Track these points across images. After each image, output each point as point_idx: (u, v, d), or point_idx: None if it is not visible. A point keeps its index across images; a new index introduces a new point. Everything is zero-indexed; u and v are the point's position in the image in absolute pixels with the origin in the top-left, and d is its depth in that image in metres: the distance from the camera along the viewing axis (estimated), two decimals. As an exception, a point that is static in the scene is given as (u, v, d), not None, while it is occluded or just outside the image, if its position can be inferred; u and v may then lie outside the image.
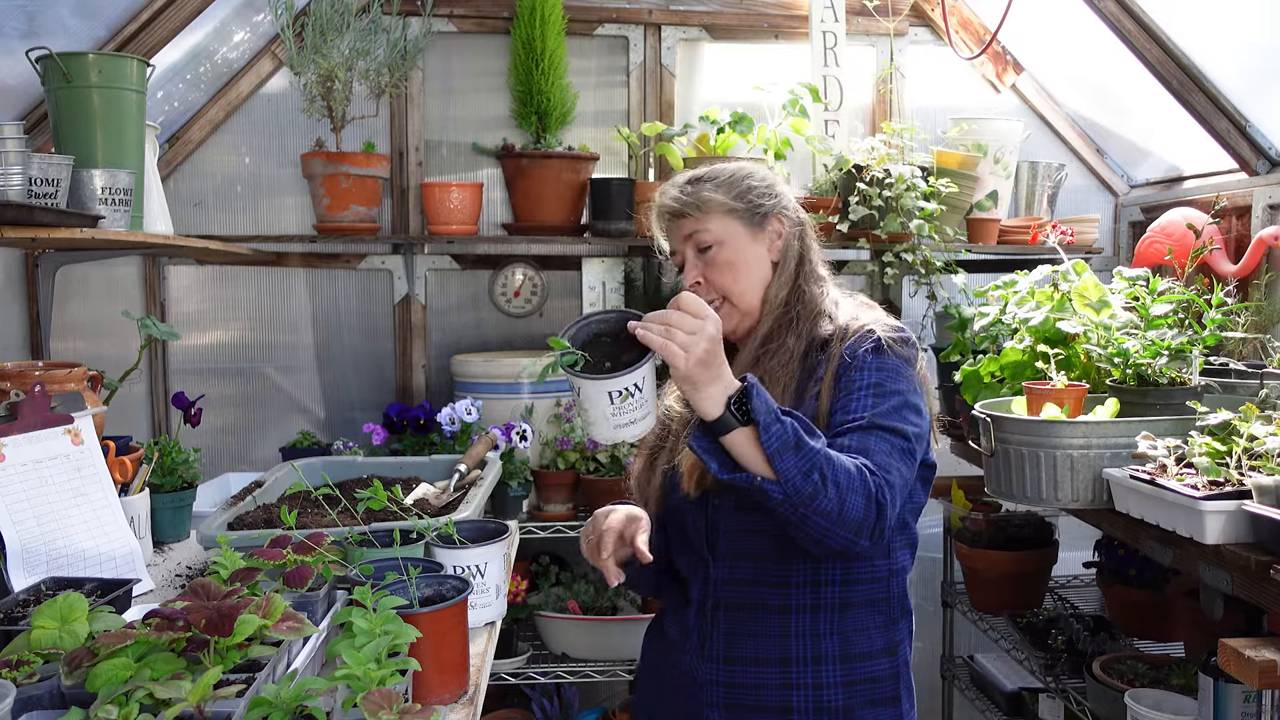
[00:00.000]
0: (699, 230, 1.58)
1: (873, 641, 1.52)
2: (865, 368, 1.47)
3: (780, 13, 3.16)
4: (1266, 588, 1.51)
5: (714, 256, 1.58)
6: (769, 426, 1.29)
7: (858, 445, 1.39)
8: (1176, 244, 2.62)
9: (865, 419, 1.41)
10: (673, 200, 1.61)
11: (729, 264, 1.58)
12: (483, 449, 2.19)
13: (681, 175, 1.65)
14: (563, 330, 1.42)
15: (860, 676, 1.50)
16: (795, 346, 1.54)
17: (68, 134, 1.96)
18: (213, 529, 1.67)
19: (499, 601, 1.62)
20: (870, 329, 1.51)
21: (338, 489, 1.73)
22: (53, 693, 1.07)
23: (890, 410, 1.43)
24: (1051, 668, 2.49)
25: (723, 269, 1.57)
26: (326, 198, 2.82)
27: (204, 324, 3.03)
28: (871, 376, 1.46)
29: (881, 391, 1.45)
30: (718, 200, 1.58)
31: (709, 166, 1.66)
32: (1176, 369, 1.99)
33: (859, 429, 1.41)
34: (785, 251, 1.61)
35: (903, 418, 1.44)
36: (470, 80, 3.11)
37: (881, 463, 1.37)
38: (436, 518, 1.67)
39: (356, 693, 1.08)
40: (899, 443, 1.41)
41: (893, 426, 1.42)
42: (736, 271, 1.58)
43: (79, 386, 1.86)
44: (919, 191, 2.75)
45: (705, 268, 1.58)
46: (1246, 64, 2.53)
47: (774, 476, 1.30)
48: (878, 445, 1.39)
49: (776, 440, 1.29)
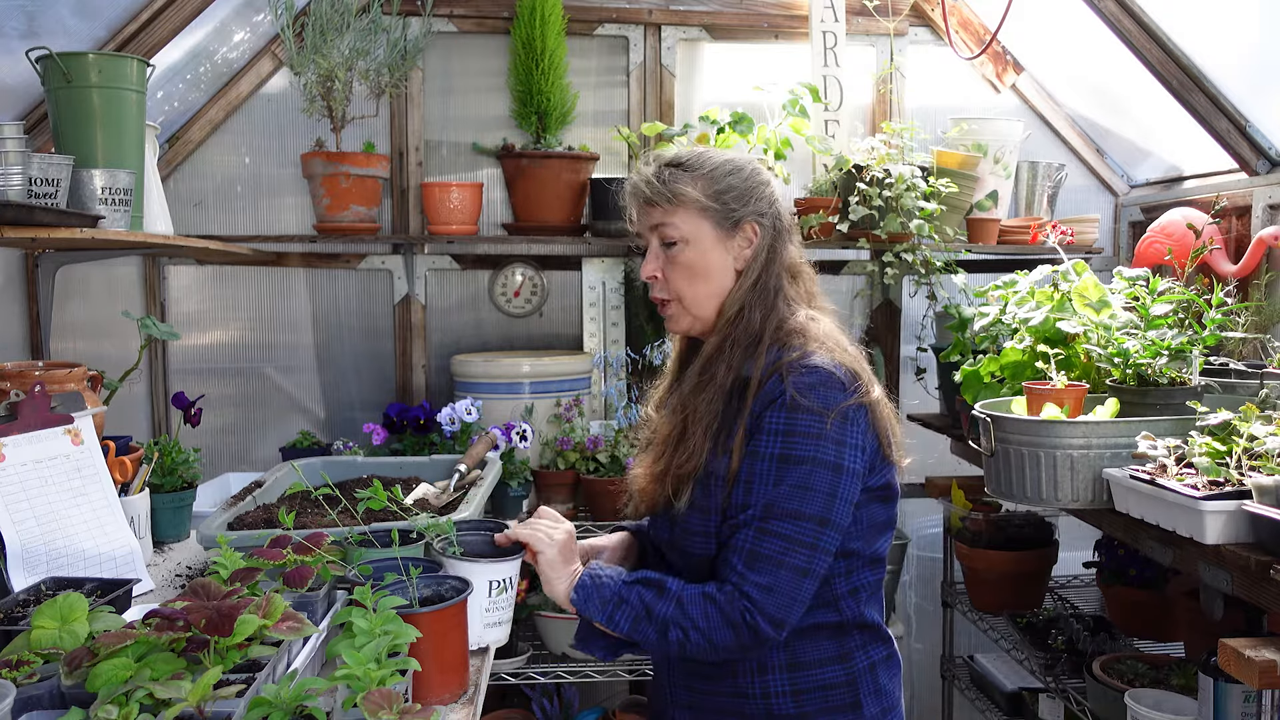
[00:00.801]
0: (666, 224, 1.52)
1: (821, 650, 1.49)
2: (771, 433, 1.41)
3: (780, 13, 3.16)
4: (1266, 588, 1.51)
5: (676, 254, 1.52)
6: (611, 617, 1.42)
7: (749, 551, 1.39)
8: (1176, 244, 2.62)
9: (760, 510, 1.39)
10: (644, 185, 1.53)
11: (689, 266, 1.51)
12: (483, 449, 2.19)
13: (665, 153, 1.57)
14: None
15: (809, 685, 1.48)
16: (723, 379, 1.48)
17: (68, 134, 1.96)
18: (213, 529, 1.67)
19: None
20: (780, 379, 1.42)
21: (337, 489, 1.73)
22: (53, 693, 1.07)
23: (792, 490, 1.38)
24: (1051, 668, 2.49)
25: (682, 270, 1.52)
26: (326, 198, 2.82)
27: (204, 324, 3.03)
28: (776, 447, 1.40)
29: (787, 462, 1.39)
30: (691, 196, 1.50)
31: (696, 151, 1.56)
32: (1176, 369, 1.99)
33: (754, 529, 1.39)
34: (751, 262, 1.52)
35: (805, 494, 1.38)
36: (470, 80, 3.11)
37: (763, 580, 1.37)
38: (438, 518, 1.67)
39: (356, 693, 1.08)
40: (798, 531, 1.38)
41: (792, 511, 1.38)
42: (694, 276, 1.51)
43: (79, 386, 1.86)
44: (919, 191, 2.75)
45: (666, 263, 1.53)
46: (1246, 64, 2.53)
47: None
48: (768, 548, 1.38)
49: (625, 623, 1.42)
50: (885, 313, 3.26)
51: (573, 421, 2.75)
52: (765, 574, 1.38)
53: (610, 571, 1.47)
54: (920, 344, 3.00)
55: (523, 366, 2.79)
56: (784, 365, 1.43)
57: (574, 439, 2.72)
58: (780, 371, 1.43)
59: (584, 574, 1.46)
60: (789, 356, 1.44)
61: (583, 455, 2.72)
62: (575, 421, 2.75)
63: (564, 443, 2.71)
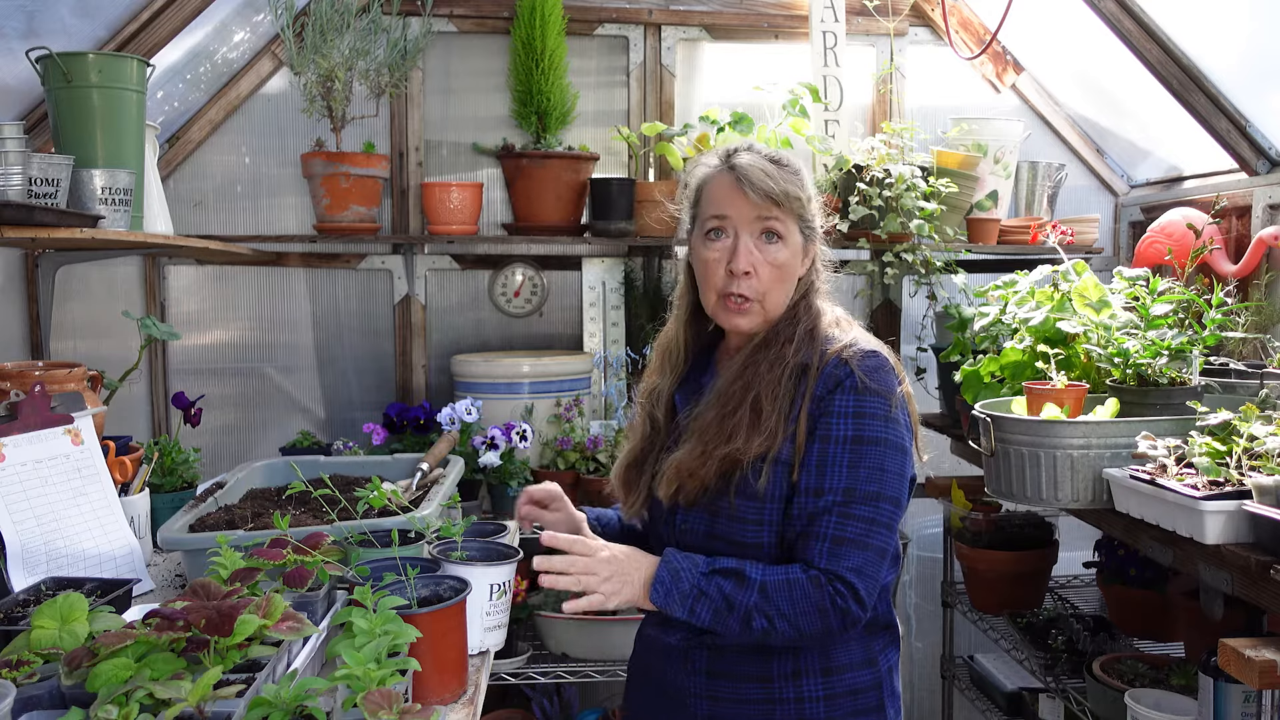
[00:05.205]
0: (774, 220, 1.49)
1: (852, 654, 1.50)
2: (841, 415, 1.42)
3: (780, 13, 3.16)
4: (1266, 588, 1.51)
5: (775, 254, 1.49)
6: (692, 610, 1.39)
7: (833, 536, 1.39)
8: (1176, 244, 2.62)
9: (841, 495, 1.40)
10: (766, 177, 1.47)
11: (782, 267, 1.50)
12: (445, 448, 2.19)
13: (748, 144, 1.54)
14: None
15: (842, 689, 1.48)
16: (793, 360, 1.47)
17: (68, 134, 1.96)
18: (173, 531, 1.65)
19: None
20: (844, 362, 1.44)
21: (310, 486, 1.73)
22: (53, 693, 1.07)
23: (870, 472, 1.40)
24: (1051, 668, 2.49)
25: (775, 270, 1.50)
26: (326, 198, 2.82)
27: (204, 324, 3.03)
28: (848, 429, 1.42)
29: (860, 443, 1.41)
30: (798, 200, 1.50)
31: (775, 151, 1.53)
32: (1176, 369, 1.99)
33: (836, 514, 1.40)
34: (809, 270, 1.57)
35: (882, 476, 1.41)
36: (470, 80, 3.11)
37: (853, 563, 1.38)
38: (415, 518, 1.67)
39: (356, 693, 1.08)
40: (878, 514, 1.40)
41: (872, 494, 1.40)
42: (783, 278, 1.51)
43: (79, 386, 1.86)
44: (919, 191, 2.75)
45: (760, 259, 1.49)
46: (1246, 64, 2.53)
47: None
48: (852, 532, 1.39)
49: (706, 615, 1.39)
50: (885, 312, 3.26)
51: (573, 421, 2.75)
52: (854, 557, 1.38)
53: (683, 561, 1.43)
54: (920, 344, 3.00)
55: (523, 366, 2.79)
56: (845, 350, 1.45)
57: (574, 439, 2.72)
58: (840, 356, 1.45)
59: (660, 568, 1.42)
60: (841, 341, 1.48)
61: (583, 455, 2.72)
62: (575, 421, 2.76)
63: (564, 443, 2.71)
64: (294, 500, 1.86)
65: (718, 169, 1.53)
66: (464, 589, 1.38)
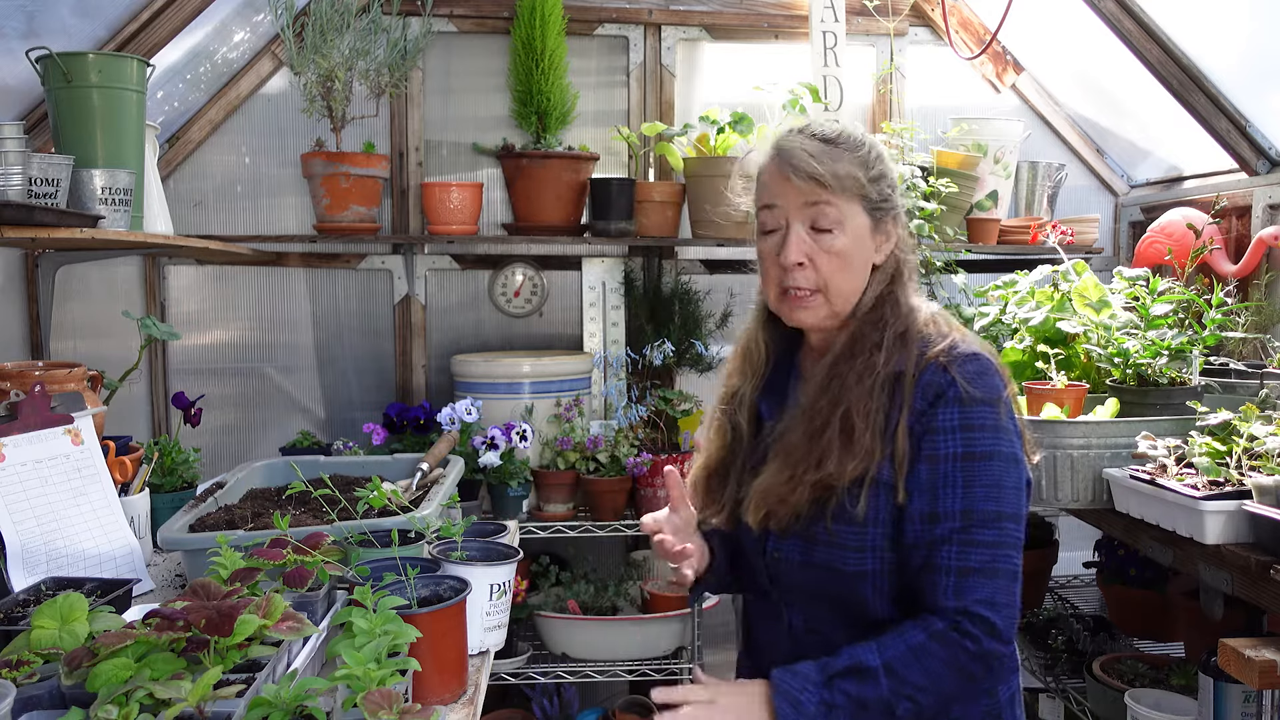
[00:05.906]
0: (825, 204, 1.36)
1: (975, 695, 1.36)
2: (948, 431, 1.30)
3: (780, 13, 3.16)
4: (1266, 588, 1.51)
5: (830, 242, 1.36)
6: None
7: (958, 569, 1.27)
8: (1176, 244, 2.62)
9: (959, 520, 1.27)
10: (810, 158, 1.36)
11: (842, 255, 1.37)
12: (445, 448, 2.18)
13: (801, 123, 1.43)
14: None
15: None
16: (884, 369, 1.34)
17: (68, 134, 1.96)
18: (173, 531, 1.65)
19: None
20: (943, 369, 1.31)
21: (310, 486, 1.72)
22: (53, 693, 1.07)
23: (986, 491, 1.28)
24: (1051, 668, 2.49)
25: (834, 259, 1.37)
26: (326, 198, 2.82)
27: (204, 324, 3.03)
28: (957, 445, 1.29)
29: (972, 459, 1.29)
30: (856, 180, 1.37)
31: (839, 128, 1.41)
32: (1176, 369, 1.99)
33: (958, 541, 1.27)
34: (889, 256, 1.43)
35: (1000, 493, 1.28)
36: (470, 80, 3.11)
37: (983, 595, 1.25)
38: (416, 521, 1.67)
39: (356, 693, 1.08)
40: (1001, 535, 1.28)
41: (993, 514, 1.27)
42: (846, 266, 1.38)
43: (79, 386, 1.86)
44: (919, 191, 2.75)
45: (814, 248, 1.37)
46: (1246, 64, 2.53)
47: None
48: (978, 560, 1.26)
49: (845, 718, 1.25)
50: (885, 313, 3.26)
51: (573, 421, 2.75)
52: (983, 588, 1.26)
53: (794, 682, 1.27)
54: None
55: (523, 366, 2.79)
56: (942, 355, 1.33)
57: (574, 439, 2.72)
58: (939, 363, 1.32)
59: (775, 698, 1.26)
60: (939, 345, 1.35)
61: (583, 455, 2.72)
62: (575, 421, 2.76)
63: (564, 443, 2.71)
64: (294, 500, 1.85)
65: (767, 154, 1.43)
66: (464, 589, 1.38)
